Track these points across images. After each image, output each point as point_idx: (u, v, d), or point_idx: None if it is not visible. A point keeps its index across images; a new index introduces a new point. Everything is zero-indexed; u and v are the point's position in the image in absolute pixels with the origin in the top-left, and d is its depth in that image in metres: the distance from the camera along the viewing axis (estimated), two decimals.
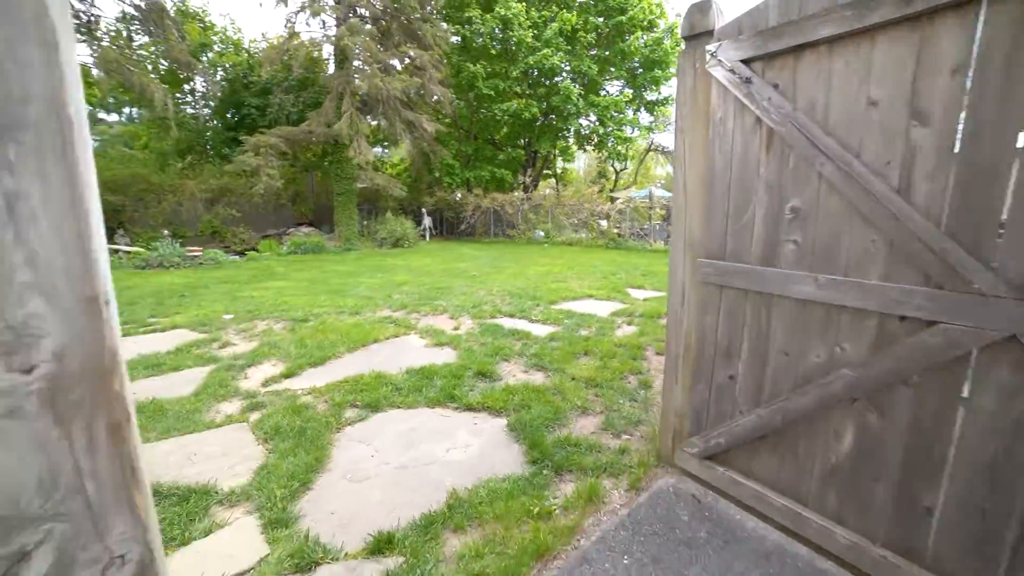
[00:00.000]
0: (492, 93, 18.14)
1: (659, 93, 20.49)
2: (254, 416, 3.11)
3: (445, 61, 17.44)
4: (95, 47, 13.09)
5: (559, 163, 27.25)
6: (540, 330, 5.12)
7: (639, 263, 11.46)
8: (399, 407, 3.23)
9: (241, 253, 14.26)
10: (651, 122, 24.22)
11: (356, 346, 4.50)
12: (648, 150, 30.42)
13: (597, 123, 19.79)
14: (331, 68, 16.57)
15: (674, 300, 2.37)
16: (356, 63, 15.24)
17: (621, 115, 19.55)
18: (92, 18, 13.35)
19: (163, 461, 2.62)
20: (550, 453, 2.56)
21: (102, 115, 22.26)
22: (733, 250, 2.12)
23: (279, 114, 16.65)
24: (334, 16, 15.28)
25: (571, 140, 22.86)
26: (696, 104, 2.19)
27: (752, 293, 2.06)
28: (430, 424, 3.01)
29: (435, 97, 17.29)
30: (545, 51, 17.12)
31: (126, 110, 22.80)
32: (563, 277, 8.90)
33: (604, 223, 17.88)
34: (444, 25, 17.92)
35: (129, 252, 12.38)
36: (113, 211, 14.58)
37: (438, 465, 2.55)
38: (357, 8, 15.39)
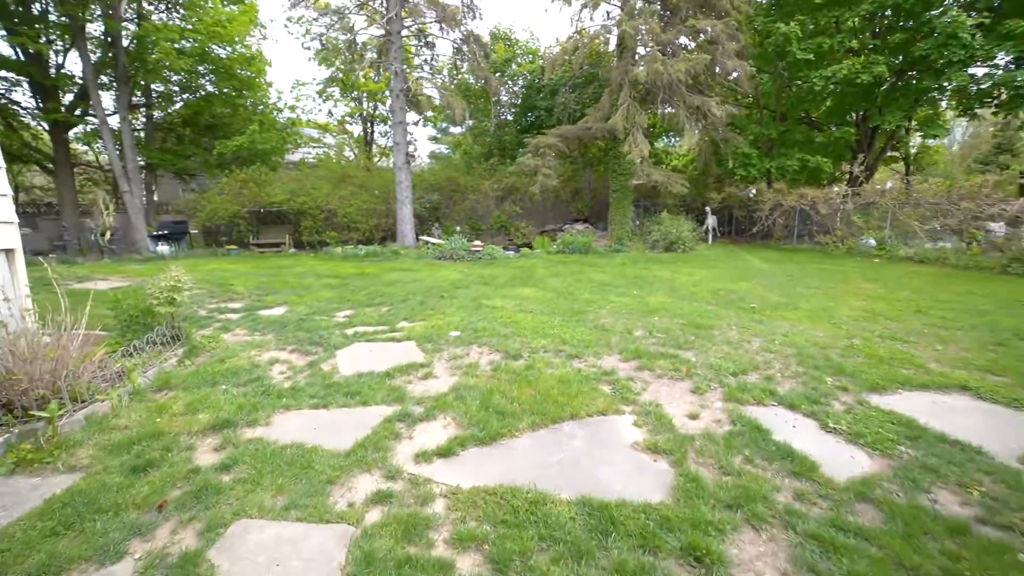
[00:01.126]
0: (811, 57, 13.96)
1: None
2: (370, 517, 2.42)
3: (744, 27, 14.35)
4: (437, 81, 16.23)
5: (913, 140, 19.53)
6: (840, 459, 2.92)
7: None
8: None
9: (517, 248, 15.22)
10: None
11: (545, 422, 3.41)
12: None
13: (1011, 67, 12.80)
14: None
15: None
16: (640, 50, 14.01)
17: None
18: (436, 60, 16.70)
19: (250, 560, 2.16)
20: None
21: (452, 129, 27.88)
22: None
23: (563, 113, 17.05)
24: (618, 4, 14.36)
25: (944, 104, 15.87)
26: None
27: None
28: None
29: (734, 74, 14.49)
30: None
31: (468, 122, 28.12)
32: (904, 330, 5.65)
33: (999, 229, 11.62)
34: None
35: (434, 244, 14.74)
36: (433, 208, 17.77)
37: None
38: None
